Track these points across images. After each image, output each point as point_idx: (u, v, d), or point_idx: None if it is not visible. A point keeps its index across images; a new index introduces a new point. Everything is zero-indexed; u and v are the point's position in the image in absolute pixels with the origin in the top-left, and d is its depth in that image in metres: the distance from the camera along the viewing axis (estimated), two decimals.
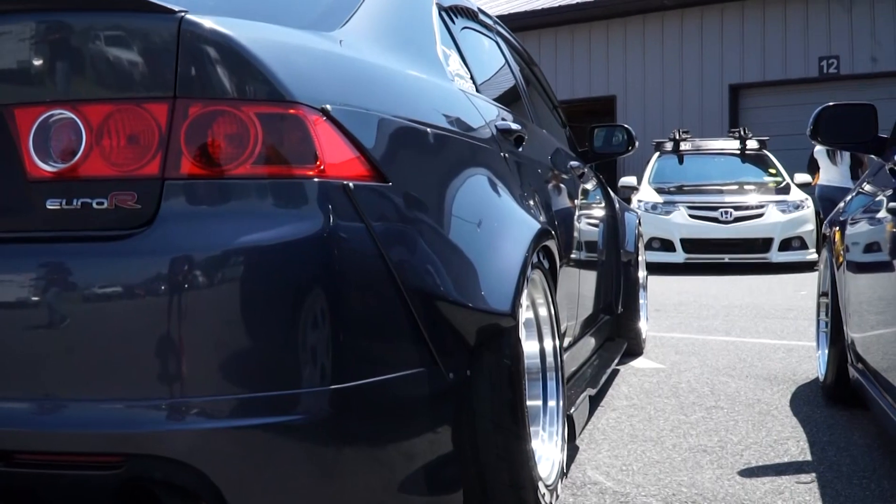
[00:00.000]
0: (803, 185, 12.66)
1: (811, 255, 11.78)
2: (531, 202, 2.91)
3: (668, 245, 12.21)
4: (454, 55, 2.95)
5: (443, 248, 2.17)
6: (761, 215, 12.13)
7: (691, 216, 12.25)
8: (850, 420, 3.89)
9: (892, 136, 3.37)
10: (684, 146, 13.92)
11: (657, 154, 14.07)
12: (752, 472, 3.17)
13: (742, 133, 13.95)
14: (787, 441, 3.58)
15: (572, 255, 3.61)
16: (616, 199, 5.37)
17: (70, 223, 1.79)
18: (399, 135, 2.14)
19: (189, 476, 1.75)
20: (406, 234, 2.03)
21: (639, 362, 5.40)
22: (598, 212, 4.65)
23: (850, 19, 16.57)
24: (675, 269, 11.78)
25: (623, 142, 4.93)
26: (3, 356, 1.77)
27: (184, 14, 1.80)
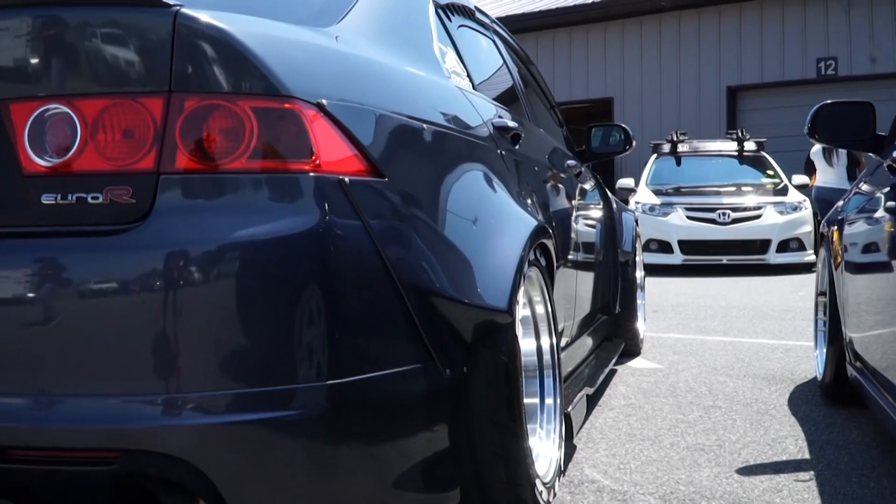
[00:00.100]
0: (801, 187, 12.65)
1: (809, 256, 11.76)
2: (528, 200, 2.90)
3: (665, 247, 12.20)
4: (451, 52, 2.94)
5: (439, 244, 2.16)
6: (759, 217, 12.12)
7: (689, 218, 12.24)
8: (849, 419, 3.88)
9: (890, 133, 3.36)
10: (682, 148, 13.90)
11: (655, 156, 14.06)
12: (751, 471, 3.16)
13: (740, 135, 13.94)
14: (786, 440, 3.58)
15: (569, 253, 3.60)
16: (613, 199, 5.37)
17: (65, 218, 1.78)
18: (395, 130, 2.14)
19: (184, 472, 1.74)
20: (402, 230, 2.03)
21: (636, 362, 5.39)
22: (596, 211, 4.65)
23: (849, 21, 16.57)
24: (672, 271, 11.77)
25: (620, 141, 4.93)
26: None
27: (179, 8, 1.80)
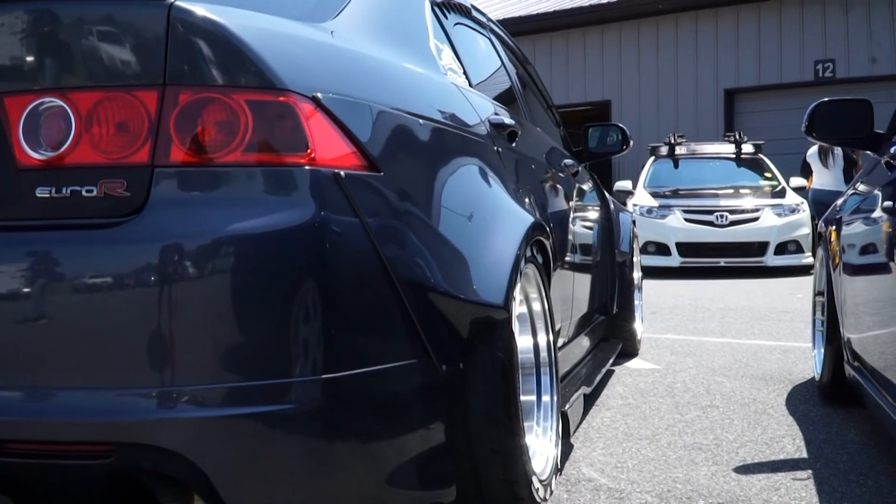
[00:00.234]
0: (799, 189, 12.65)
1: (807, 258, 11.76)
2: (524, 197, 2.90)
3: (663, 249, 12.19)
4: (447, 50, 2.94)
5: (435, 240, 2.16)
6: (757, 219, 12.12)
7: (687, 220, 12.24)
8: (847, 418, 3.88)
9: (888, 131, 3.35)
10: (679, 150, 13.91)
11: (652, 158, 14.07)
12: (748, 469, 3.15)
13: (737, 137, 13.94)
14: (783, 439, 3.57)
15: (566, 251, 3.60)
16: (611, 199, 5.36)
17: (59, 211, 1.78)
18: (391, 125, 2.13)
19: (179, 466, 1.73)
20: (398, 225, 2.02)
21: (634, 363, 5.38)
22: (593, 211, 4.64)
23: (846, 23, 16.58)
24: (670, 273, 11.77)
25: (617, 141, 4.92)
26: None
27: (173, 1, 1.79)
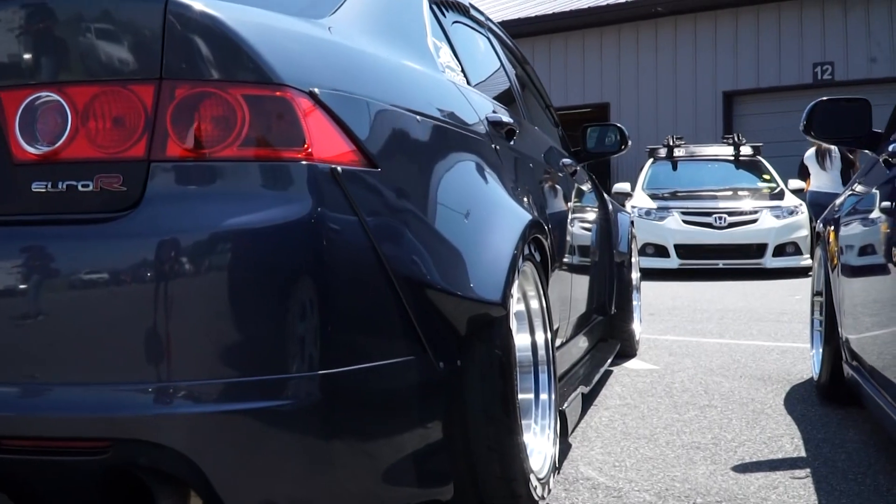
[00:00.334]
0: (797, 191, 12.64)
1: (806, 260, 11.75)
2: (522, 195, 2.89)
3: (662, 251, 12.18)
4: (445, 48, 2.93)
5: (432, 236, 2.15)
6: (755, 221, 12.11)
7: (685, 222, 12.23)
8: (845, 418, 3.87)
9: (887, 130, 3.35)
10: (678, 152, 13.90)
11: (651, 160, 14.05)
12: (746, 468, 3.15)
13: (736, 139, 13.94)
14: (782, 438, 3.56)
15: (564, 250, 3.59)
16: (609, 199, 5.35)
17: (56, 206, 1.77)
18: (389, 122, 2.13)
19: (175, 462, 1.73)
20: (395, 221, 2.02)
21: (632, 363, 5.37)
22: (591, 210, 4.64)
23: (845, 25, 16.59)
24: (669, 275, 11.75)
25: (616, 141, 4.91)
26: None
27: None
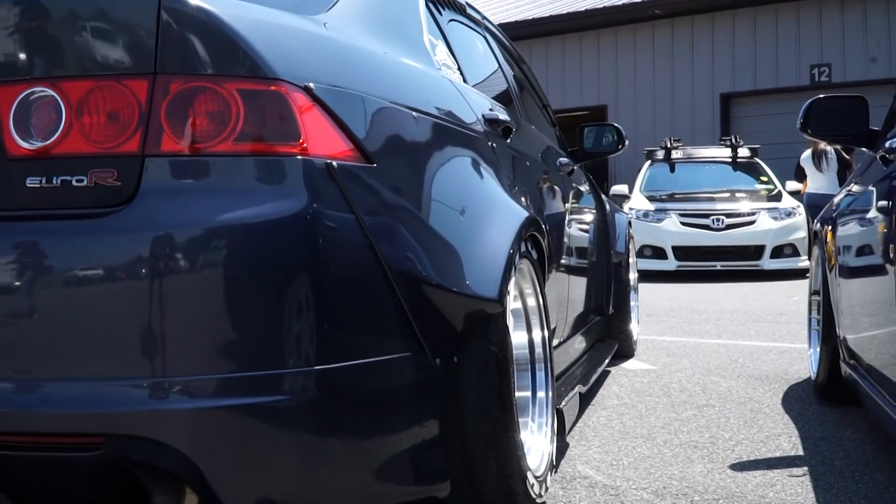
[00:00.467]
0: (795, 193, 12.65)
1: (803, 262, 11.73)
2: (519, 192, 2.88)
3: (659, 253, 12.16)
4: (441, 45, 2.93)
5: (428, 232, 2.15)
6: (753, 222, 12.10)
7: (683, 224, 12.21)
8: (843, 416, 3.87)
9: (884, 128, 3.34)
10: (676, 154, 13.89)
11: (649, 162, 14.04)
12: (744, 466, 3.14)
13: (733, 141, 13.93)
14: (779, 437, 3.56)
15: (561, 248, 3.58)
16: (606, 199, 5.34)
17: (50, 201, 1.77)
18: (385, 117, 2.12)
19: (171, 458, 1.72)
20: (391, 216, 2.01)
21: (630, 364, 5.37)
22: (588, 210, 4.63)
23: (842, 27, 16.60)
24: (667, 277, 11.74)
25: (613, 141, 4.90)
26: None
27: None
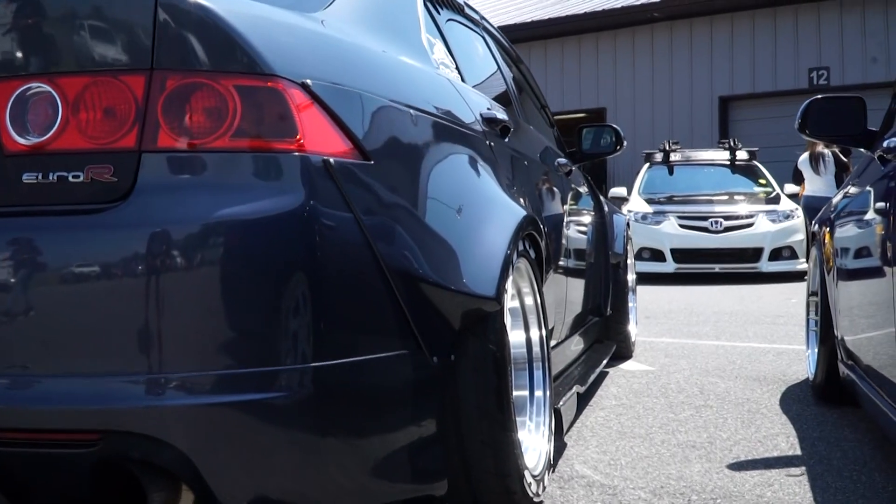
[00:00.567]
0: (792, 196, 12.65)
1: (802, 264, 11.73)
2: (516, 191, 2.88)
3: (658, 255, 12.16)
4: (439, 44, 2.93)
5: (426, 230, 2.14)
6: (751, 225, 12.10)
7: (681, 226, 12.21)
8: (841, 417, 3.86)
9: (881, 128, 3.34)
10: (674, 157, 13.89)
11: (647, 165, 14.05)
12: (742, 466, 3.14)
13: (732, 144, 13.94)
14: (777, 437, 3.56)
15: (559, 248, 3.58)
16: (604, 200, 5.34)
17: (46, 197, 1.76)
18: (382, 115, 2.12)
19: (167, 454, 1.72)
20: (388, 214, 2.01)
21: (628, 365, 5.37)
22: (586, 210, 4.63)
23: (841, 31, 16.61)
24: (665, 279, 11.74)
25: (611, 142, 4.91)
26: None
27: None
